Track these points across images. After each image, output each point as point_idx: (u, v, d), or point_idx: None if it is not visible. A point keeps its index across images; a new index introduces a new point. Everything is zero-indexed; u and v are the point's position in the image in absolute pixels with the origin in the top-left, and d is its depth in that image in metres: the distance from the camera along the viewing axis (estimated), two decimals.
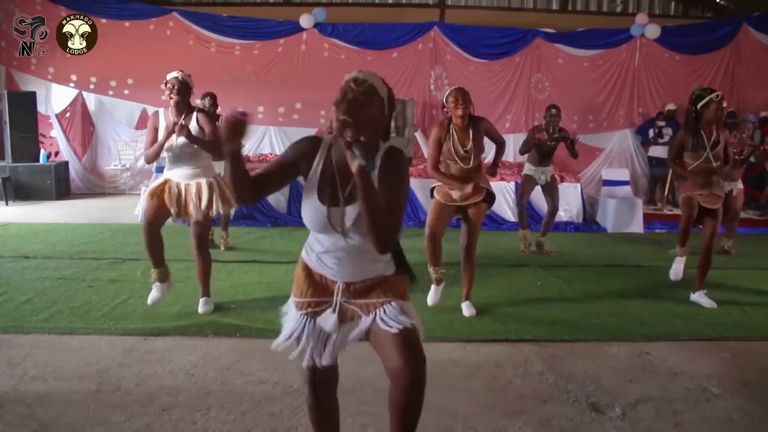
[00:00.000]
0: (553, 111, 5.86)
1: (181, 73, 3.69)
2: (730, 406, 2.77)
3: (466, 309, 3.94)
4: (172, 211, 3.70)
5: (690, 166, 4.16)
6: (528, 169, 5.93)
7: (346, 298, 1.82)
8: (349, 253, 1.77)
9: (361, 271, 1.80)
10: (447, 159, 3.83)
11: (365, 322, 1.79)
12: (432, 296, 3.99)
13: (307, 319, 1.84)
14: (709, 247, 4.20)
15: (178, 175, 3.72)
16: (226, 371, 3.04)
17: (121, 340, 3.39)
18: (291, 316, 1.89)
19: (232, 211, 6.61)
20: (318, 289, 1.84)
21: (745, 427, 2.60)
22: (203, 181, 3.73)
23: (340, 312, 1.81)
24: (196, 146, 3.64)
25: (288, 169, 1.78)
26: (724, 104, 4.11)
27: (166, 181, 3.73)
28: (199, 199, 3.69)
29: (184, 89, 3.66)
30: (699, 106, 4.09)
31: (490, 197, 3.91)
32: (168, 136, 3.61)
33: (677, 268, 4.51)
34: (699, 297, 4.26)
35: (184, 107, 3.68)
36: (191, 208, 3.68)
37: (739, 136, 6.05)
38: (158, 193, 3.69)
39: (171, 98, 3.62)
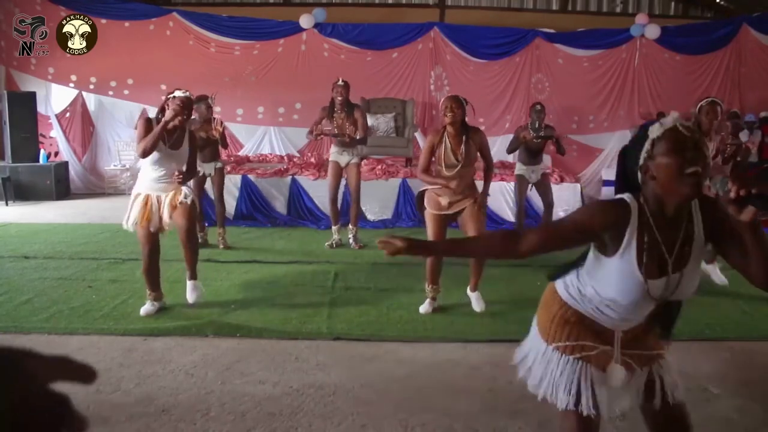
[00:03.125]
0: (538, 107, 5.87)
1: (188, 92, 3.72)
2: (730, 406, 2.77)
3: (475, 301, 3.97)
4: (154, 227, 3.70)
5: None
6: (519, 168, 5.94)
7: (622, 346, 1.70)
8: (644, 308, 1.64)
9: (643, 317, 1.70)
10: (439, 165, 3.86)
11: (640, 378, 1.71)
12: (425, 308, 4.01)
13: (581, 364, 1.68)
14: None
15: (158, 189, 3.73)
16: (226, 371, 3.04)
17: (121, 340, 3.39)
18: (555, 365, 1.71)
19: (232, 211, 6.66)
20: (590, 334, 1.70)
21: (745, 427, 2.61)
22: (184, 188, 3.78)
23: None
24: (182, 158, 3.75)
25: (588, 236, 1.61)
26: (719, 109, 4.13)
27: (146, 201, 3.70)
28: (174, 207, 3.71)
29: (191, 110, 3.76)
30: (698, 113, 4.20)
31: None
32: (164, 127, 3.57)
33: (716, 273, 4.48)
34: (712, 270, 4.33)
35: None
36: (167, 216, 3.69)
37: (721, 136, 6.10)
38: (144, 222, 3.67)
39: (182, 117, 3.61)
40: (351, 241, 5.92)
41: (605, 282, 1.60)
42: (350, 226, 5.96)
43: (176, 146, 3.72)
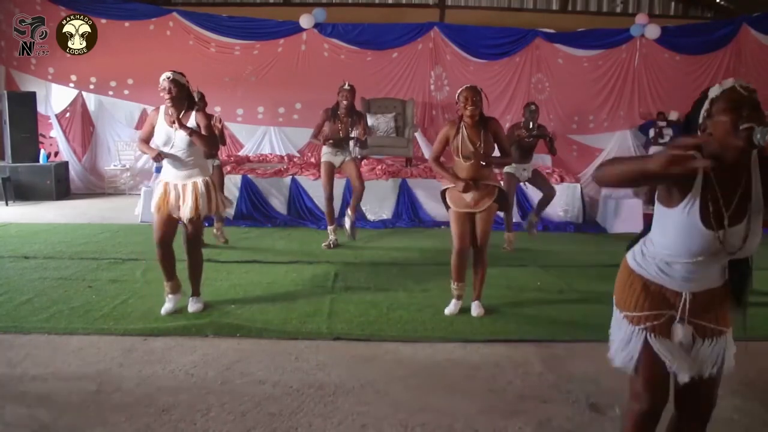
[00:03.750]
0: (532, 107, 5.92)
1: (172, 73, 3.64)
2: (730, 406, 2.76)
3: (475, 308, 3.96)
4: (174, 215, 3.71)
5: None
6: (509, 166, 5.92)
7: (689, 311, 1.75)
8: (710, 264, 1.69)
9: (709, 278, 1.74)
10: (456, 157, 3.84)
11: (700, 348, 1.78)
12: (451, 309, 3.97)
13: (647, 335, 1.77)
14: None
15: (176, 176, 3.72)
16: (226, 371, 3.04)
17: (121, 341, 3.39)
18: (624, 331, 1.83)
19: (231, 210, 6.61)
20: (655, 302, 1.77)
21: (745, 427, 2.61)
22: (199, 180, 3.74)
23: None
24: (193, 145, 3.65)
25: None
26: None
27: (165, 189, 3.71)
28: (196, 197, 3.69)
29: (180, 89, 3.63)
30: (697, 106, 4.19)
31: (501, 196, 3.92)
32: (154, 154, 3.65)
33: None
34: None
35: (182, 105, 3.66)
36: (187, 206, 3.67)
37: None
38: (161, 206, 3.68)
39: (167, 100, 3.60)
40: (347, 227, 5.79)
41: (669, 235, 1.67)
42: (348, 211, 5.85)
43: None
